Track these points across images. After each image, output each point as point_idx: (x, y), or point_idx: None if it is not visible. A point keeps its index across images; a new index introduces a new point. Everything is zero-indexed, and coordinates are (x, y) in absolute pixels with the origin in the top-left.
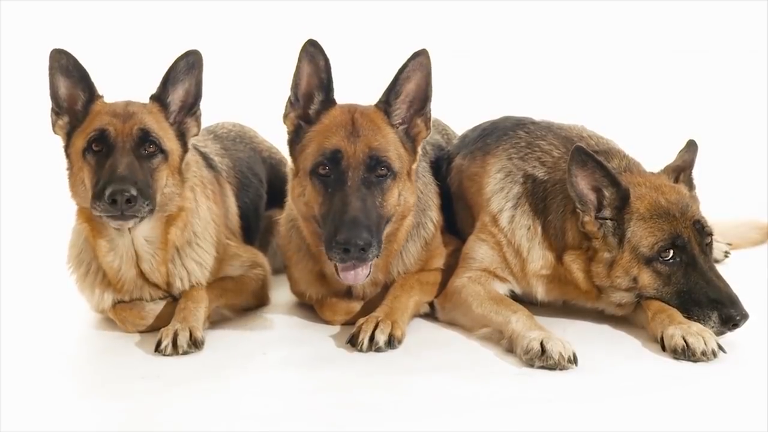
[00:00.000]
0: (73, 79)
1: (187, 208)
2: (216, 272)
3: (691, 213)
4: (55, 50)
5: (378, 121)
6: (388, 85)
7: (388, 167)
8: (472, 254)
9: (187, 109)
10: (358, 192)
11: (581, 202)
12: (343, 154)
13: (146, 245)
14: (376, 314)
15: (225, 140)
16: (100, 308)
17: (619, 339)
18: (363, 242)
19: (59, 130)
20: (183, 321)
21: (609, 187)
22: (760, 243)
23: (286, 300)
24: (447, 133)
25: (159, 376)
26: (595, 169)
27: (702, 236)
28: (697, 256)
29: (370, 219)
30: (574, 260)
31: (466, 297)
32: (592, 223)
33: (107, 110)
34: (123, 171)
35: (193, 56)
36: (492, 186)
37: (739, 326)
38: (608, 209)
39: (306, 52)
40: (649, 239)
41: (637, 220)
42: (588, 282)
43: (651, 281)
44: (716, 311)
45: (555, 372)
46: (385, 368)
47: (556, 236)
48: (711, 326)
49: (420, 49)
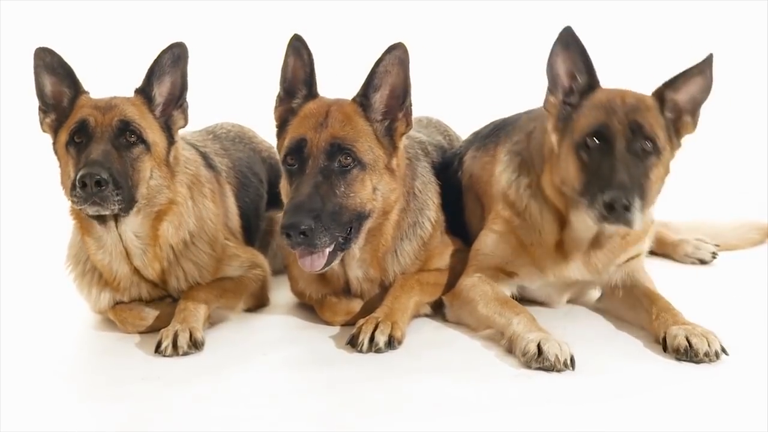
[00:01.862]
0: (59, 77)
1: (179, 203)
2: (215, 272)
3: (637, 116)
4: (40, 48)
5: (351, 113)
6: (365, 79)
7: (353, 157)
8: (483, 249)
9: (174, 102)
10: (312, 179)
11: (553, 83)
12: (307, 142)
13: (135, 240)
14: (376, 315)
15: (224, 140)
16: (98, 308)
17: (620, 340)
18: (304, 226)
19: (47, 128)
20: (183, 322)
21: (584, 74)
22: (760, 243)
23: (286, 301)
24: (449, 134)
25: (159, 377)
26: (577, 53)
27: (636, 137)
28: (617, 148)
29: (315, 204)
30: (546, 180)
31: (473, 296)
32: (556, 105)
33: (90, 104)
34: (95, 156)
35: (178, 49)
36: (500, 167)
37: (616, 209)
38: (576, 95)
39: (292, 46)
40: (581, 122)
41: (585, 108)
42: (559, 196)
43: (576, 171)
44: (602, 194)
45: (554, 373)
46: (385, 369)
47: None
48: (596, 208)
49: (396, 43)
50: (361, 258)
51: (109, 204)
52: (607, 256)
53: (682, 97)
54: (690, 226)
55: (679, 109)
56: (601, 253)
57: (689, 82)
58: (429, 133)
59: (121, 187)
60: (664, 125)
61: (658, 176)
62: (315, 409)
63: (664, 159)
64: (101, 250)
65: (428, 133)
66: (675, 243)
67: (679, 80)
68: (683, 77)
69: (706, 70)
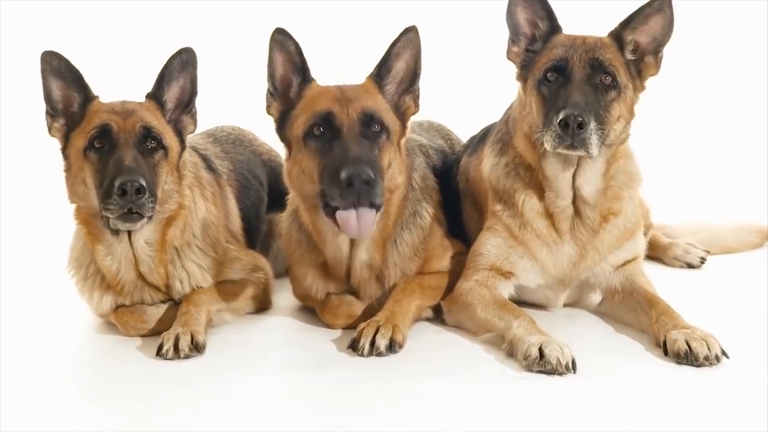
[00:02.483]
0: (66, 81)
1: (186, 207)
2: (217, 275)
3: (596, 53)
4: (46, 52)
5: (370, 88)
6: (380, 60)
7: (382, 125)
8: (480, 249)
9: (183, 107)
10: (357, 139)
11: (515, 33)
12: (336, 115)
13: (146, 247)
14: (377, 318)
15: (224, 143)
16: (101, 312)
17: (620, 343)
18: (366, 176)
19: (56, 133)
20: (185, 325)
21: (545, 20)
22: (759, 246)
23: (287, 304)
24: (450, 138)
25: (161, 380)
26: (536, 0)
27: (595, 72)
28: (575, 79)
29: (372, 161)
30: (519, 137)
31: (472, 300)
32: (519, 53)
33: (106, 108)
34: (130, 163)
35: (186, 54)
36: (486, 161)
37: (569, 125)
38: (539, 41)
39: (275, 41)
40: (542, 60)
41: (546, 49)
42: (531, 149)
43: (538, 107)
44: (557, 115)
45: (555, 376)
46: (386, 373)
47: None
48: (552, 130)
49: (410, 26)
50: (370, 239)
51: (145, 211)
52: (596, 239)
53: (643, 37)
54: (688, 230)
55: (641, 50)
56: (589, 231)
57: (649, 21)
58: (430, 137)
59: (155, 195)
60: (624, 63)
61: (618, 113)
62: (316, 412)
63: (626, 97)
64: (110, 257)
65: (429, 136)
66: (665, 246)
67: (635, 20)
68: (640, 16)
69: (664, 7)
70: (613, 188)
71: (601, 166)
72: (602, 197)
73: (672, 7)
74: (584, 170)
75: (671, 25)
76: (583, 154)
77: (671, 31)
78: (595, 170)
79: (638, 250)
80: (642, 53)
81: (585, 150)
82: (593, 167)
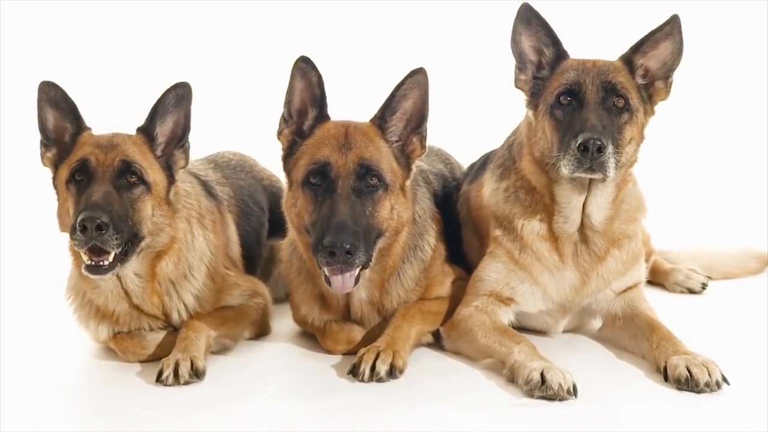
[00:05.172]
0: (62, 111)
1: (179, 240)
2: (215, 302)
3: (609, 76)
4: (44, 82)
5: (371, 134)
6: (384, 101)
7: (379, 177)
8: (481, 275)
9: (176, 142)
10: (347, 199)
11: (521, 61)
12: (333, 165)
13: (136, 280)
14: (377, 344)
15: (225, 169)
16: (99, 339)
17: (621, 369)
18: (348, 245)
19: (47, 162)
20: (184, 351)
21: (550, 47)
22: (758, 272)
23: (287, 329)
24: (450, 163)
25: (160, 406)
26: (539, 27)
27: (608, 95)
28: (589, 102)
29: (357, 225)
30: (526, 161)
31: (471, 326)
32: (527, 81)
33: (92, 141)
34: (96, 198)
35: (182, 89)
36: (486, 186)
37: (589, 148)
38: (546, 68)
39: (298, 68)
40: (553, 85)
41: (557, 74)
42: (540, 173)
43: (552, 131)
44: (575, 139)
45: (556, 402)
46: (387, 398)
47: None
48: (570, 154)
49: (418, 68)
50: (369, 278)
51: (109, 247)
52: (601, 265)
53: (653, 62)
54: (689, 255)
55: (650, 75)
56: (593, 258)
57: (658, 47)
58: (430, 162)
59: (121, 231)
60: (636, 87)
61: (630, 135)
62: None
63: (637, 120)
64: (97, 289)
65: (429, 161)
66: (667, 271)
67: (646, 44)
68: (650, 41)
69: (674, 32)
70: (628, 211)
71: (612, 191)
72: (610, 224)
73: (681, 33)
74: (595, 196)
75: (681, 51)
76: (601, 177)
77: (681, 56)
78: (606, 195)
79: (640, 277)
80: (652, 78)
81: (603, 173)
82: (604, 192)
